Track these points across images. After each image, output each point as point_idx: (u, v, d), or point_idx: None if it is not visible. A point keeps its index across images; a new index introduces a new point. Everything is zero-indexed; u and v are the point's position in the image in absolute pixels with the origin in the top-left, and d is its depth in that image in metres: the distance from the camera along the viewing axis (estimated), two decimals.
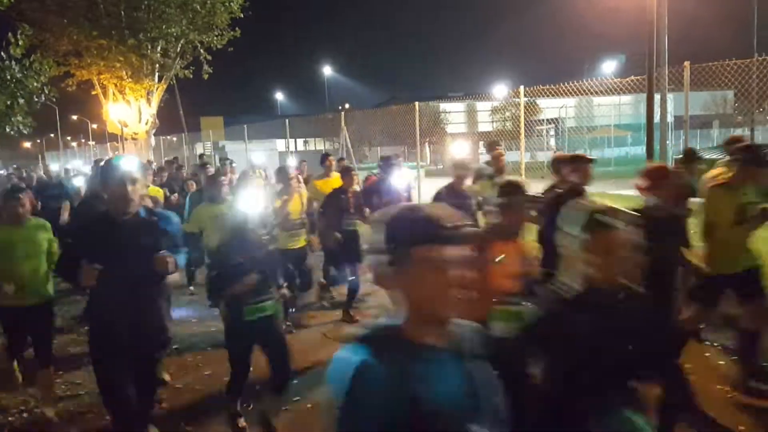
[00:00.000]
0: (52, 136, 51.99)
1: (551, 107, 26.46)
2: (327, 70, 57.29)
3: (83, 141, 53.24)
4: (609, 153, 30.38)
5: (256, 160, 12.96)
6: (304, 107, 66.46)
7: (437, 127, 27.82)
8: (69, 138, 57.52)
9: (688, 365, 3.69)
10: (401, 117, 14.26)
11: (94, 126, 45.64)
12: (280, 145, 32.07)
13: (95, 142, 44.75)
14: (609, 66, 40.82)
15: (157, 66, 19.32)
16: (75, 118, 52.26)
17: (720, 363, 4.71)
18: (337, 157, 11.04)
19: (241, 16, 18.88)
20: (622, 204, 2.12)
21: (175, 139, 29.80)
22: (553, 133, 30.06)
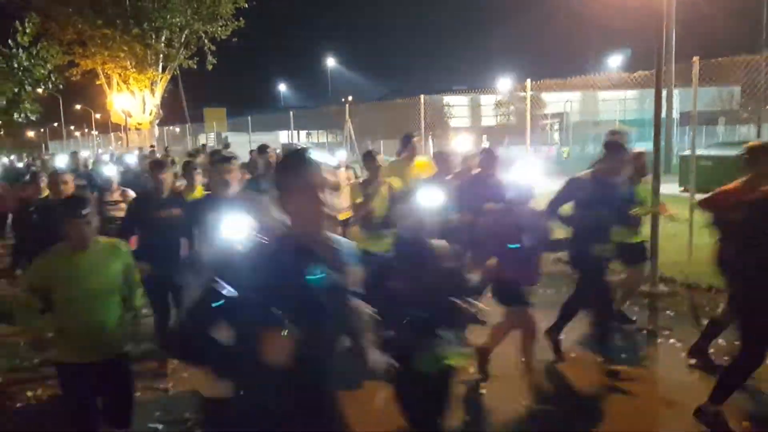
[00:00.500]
0: (56, 125, 52.06)
1: (555, 101, 26.41)
2: (330, 62, 57.18)
3: (86, 131, 53.29)
4: None
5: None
6: (307, 99, 66.36)
7: (441, 121, 27.77)
8: (72, 128, 57.59)
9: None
10: (406, 110, 14.22)
11: (98, 116, 45.67)
12: (283, 136, 32.07)
13: (98, 132, 44.79)
14: (614, 60, 40.59)
15: (161, 56, 19.31)
16: (78, 107, 52.29)
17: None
18: (340, 150, 10.92)
19: (246, 6, 18.85)
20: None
21: (178, 129, 29.80)
22: (557, 127, 29.99)
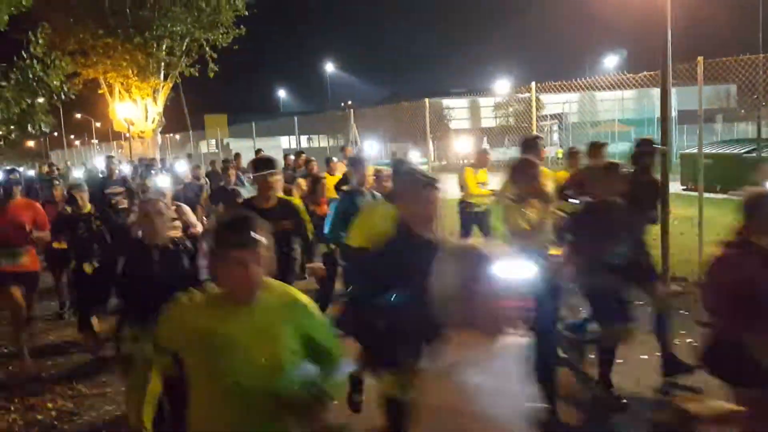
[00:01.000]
0: (56, 134, 52.09)
1: (554, 102, 26.54)
2: (329, 67, 57.31)
3: (86, 139, 53.36)
4: (613, 148, 30.34)
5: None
6: (306, 104, 66.53)
7: (441, 123, 27.89)
8: (72, 137, 57.66)
9: None
10: (408, 114, 14.37)
11: (98, 124, 45.76)
12: (283, 142, 32.19)
13: (98, 141, 44.86)
14: (611, 61, 40.79)
15: (162, 64, 19.43)
16: (79, 116, 52.37)
17: None
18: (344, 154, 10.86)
19: (246, 13, 18.98)
20: None
21: (178, 137, 29.91)
22: (556, 128, 30.11)
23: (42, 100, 7.98)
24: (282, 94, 67.03)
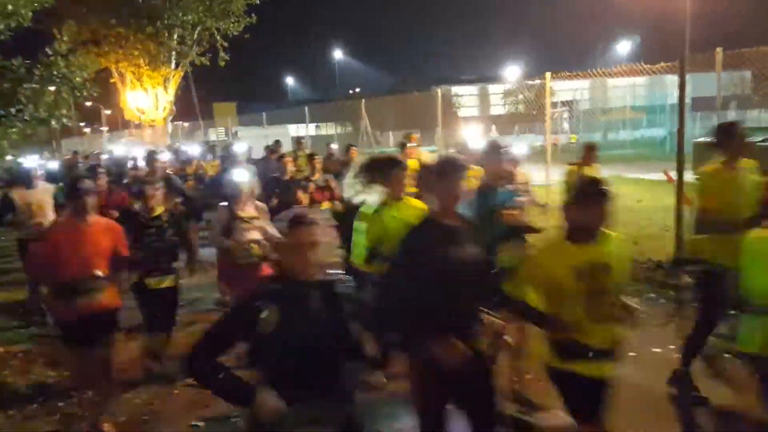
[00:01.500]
0: (65, 122, 52.27)
1: (565, 89, 26.33)
2: (337, 54, 57.07)
3: (96, 127, 53.59)
4: (624, 135, 30.09)
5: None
6: (314, 91, 66.33)
7: (450, 111, 27.80)
8: (82, 124, 57.93)
9: None
10: (418, 102, 14.40)
11: (108, 112, 45.95)
12: (291, 129, 32.27)
13: (108, 128, 45.07)
14: (623, 47, 40.33)
15: (174, 53, 19.49)
16: (88, 104, 52.55)
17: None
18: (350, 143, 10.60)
19: (257, 2, 18.96)
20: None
21: (187, 125, 30.02)
22: (566, 116, 29.90)
23: (66, 96, 8.02)
24: (290, 81, 66.95)
